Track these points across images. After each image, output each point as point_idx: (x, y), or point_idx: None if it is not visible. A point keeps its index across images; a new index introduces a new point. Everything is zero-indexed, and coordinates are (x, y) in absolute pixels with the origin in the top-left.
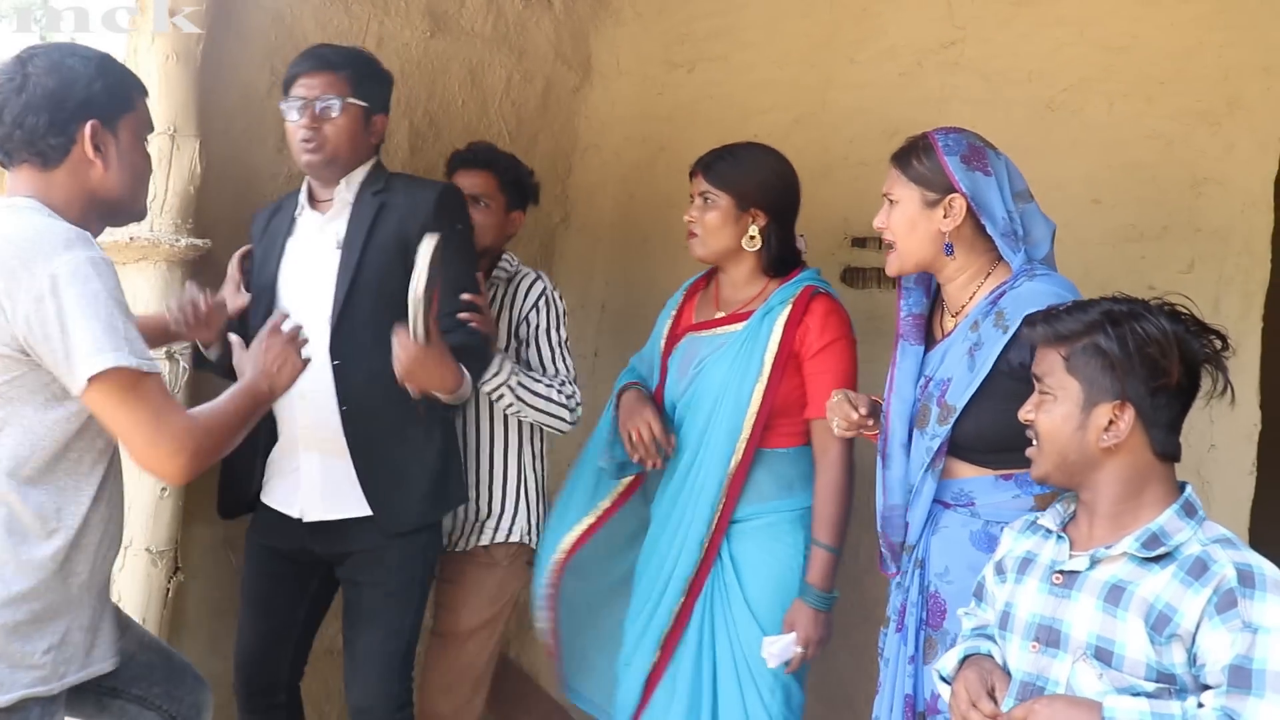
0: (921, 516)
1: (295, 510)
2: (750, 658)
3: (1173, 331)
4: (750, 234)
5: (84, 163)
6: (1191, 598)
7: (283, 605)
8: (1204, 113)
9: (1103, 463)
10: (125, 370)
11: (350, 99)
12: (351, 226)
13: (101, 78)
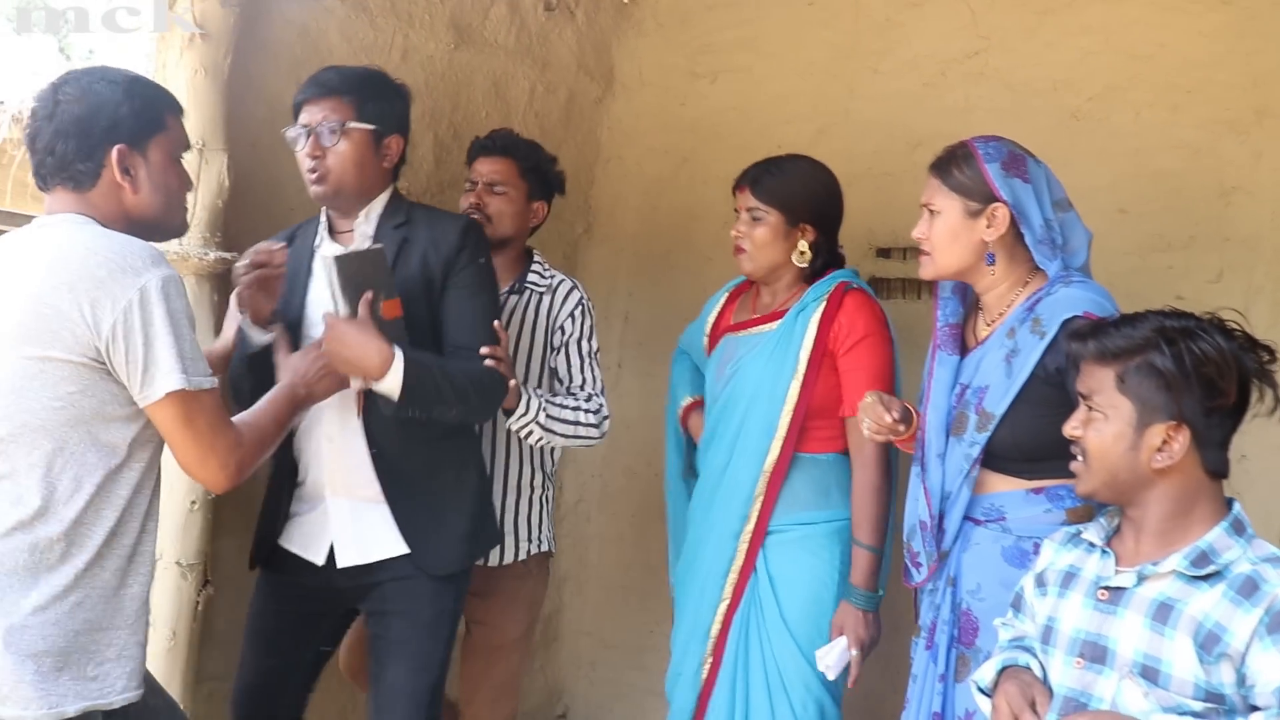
0: (957, 523)
1: (319, 556)
2: (783, 671)
3: (1229, 349)
4: (801, 249)
5: (114, 185)
6: (1242, 617)
7: (290, 644)
8: (1232, 121)
9: (1154, 482)
10: (192, 392)
11: (354, 123)
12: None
13: (129, 101)
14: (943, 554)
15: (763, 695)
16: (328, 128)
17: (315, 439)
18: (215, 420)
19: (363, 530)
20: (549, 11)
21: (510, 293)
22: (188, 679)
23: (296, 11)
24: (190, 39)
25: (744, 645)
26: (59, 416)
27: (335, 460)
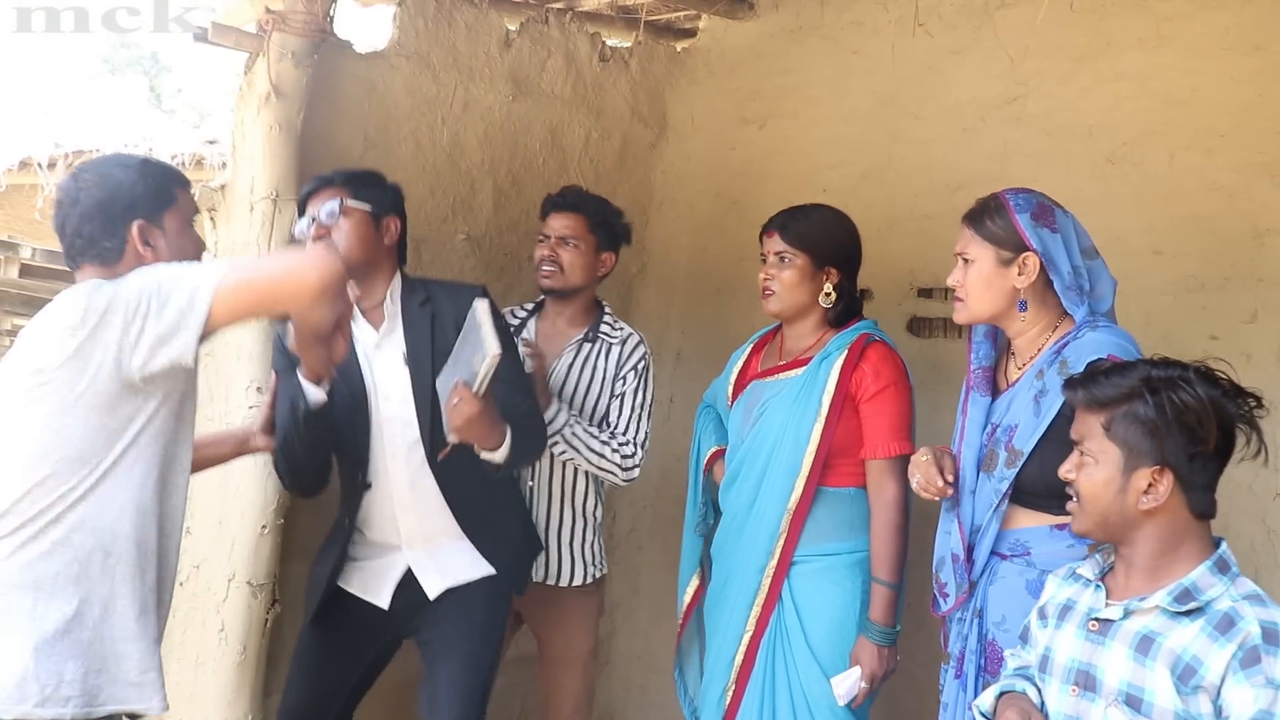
0: (985, 556)
1: (383, 600)
2: (809, 696)
3: (1209, 398)
4: (826, 291)
5: (137, 257)
6: (1217, 652)
7: (338, 668)
8: (1266, 164)
9: (1142, 523)
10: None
11: (351, 201)
12: (412, 342)
13: (143, 180)
14: (971, 585)
15: (787, 708)
16: (326, 210)
17: (384, 504)
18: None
19: (443, 565)
20: (604, 62)
21: (584, 340)
22: (256, 692)
23: (364, 69)
24: (266, 97)
25: (770, 672)
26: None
27: (410, 519)
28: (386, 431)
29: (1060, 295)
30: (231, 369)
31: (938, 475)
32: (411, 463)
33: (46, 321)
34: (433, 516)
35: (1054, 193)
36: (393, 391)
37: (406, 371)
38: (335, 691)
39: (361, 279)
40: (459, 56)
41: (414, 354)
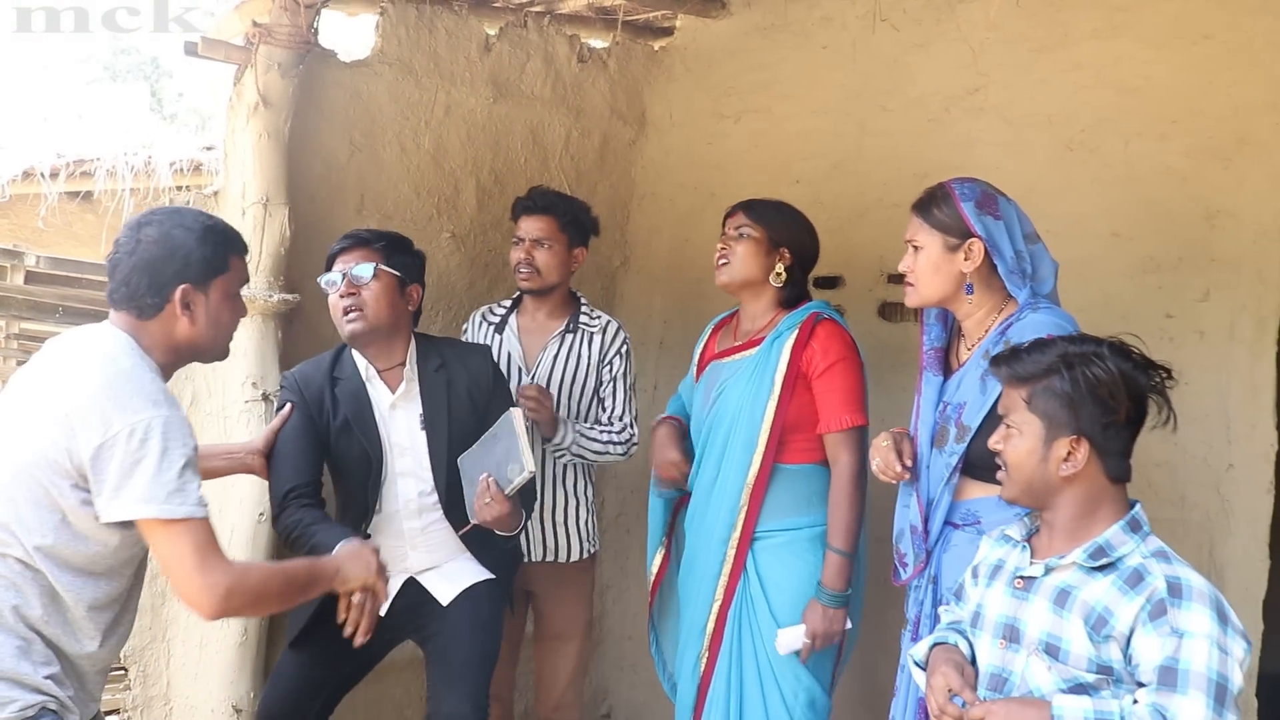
0: (939, 526)
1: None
2: (774, 663)
3: (1120, 371)
4: (778, 270)
5: (173, 318)
6: (1126, 604)
7: (331, 659)
8: (1215, 149)
9: (1062, 488)
10: (168, 521)
11: (383, 266)
12: (429, 407)
13: (201, 247)
14: (927, 554)
15: (756, 686)
16: (361, 270)
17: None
18: (201, 541)
19: (451, 575)
20: (582, 63)
21: (565, 331)
22: (257, 671)
23: (349, 77)
24: (255, 107)
25: (737, 640)
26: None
27: (420, 554)
28: (400, 484)
29: (1004, 279)
30: (227, 365)
31: (896, 460)
32: (424, 511)
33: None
34: (440, 547)
35: (1015, 179)
36: (408, 450)
37: (424, 435)
38: (325, 681)
39: (383, 341)
40: (440, 62)
41: (430, 418)
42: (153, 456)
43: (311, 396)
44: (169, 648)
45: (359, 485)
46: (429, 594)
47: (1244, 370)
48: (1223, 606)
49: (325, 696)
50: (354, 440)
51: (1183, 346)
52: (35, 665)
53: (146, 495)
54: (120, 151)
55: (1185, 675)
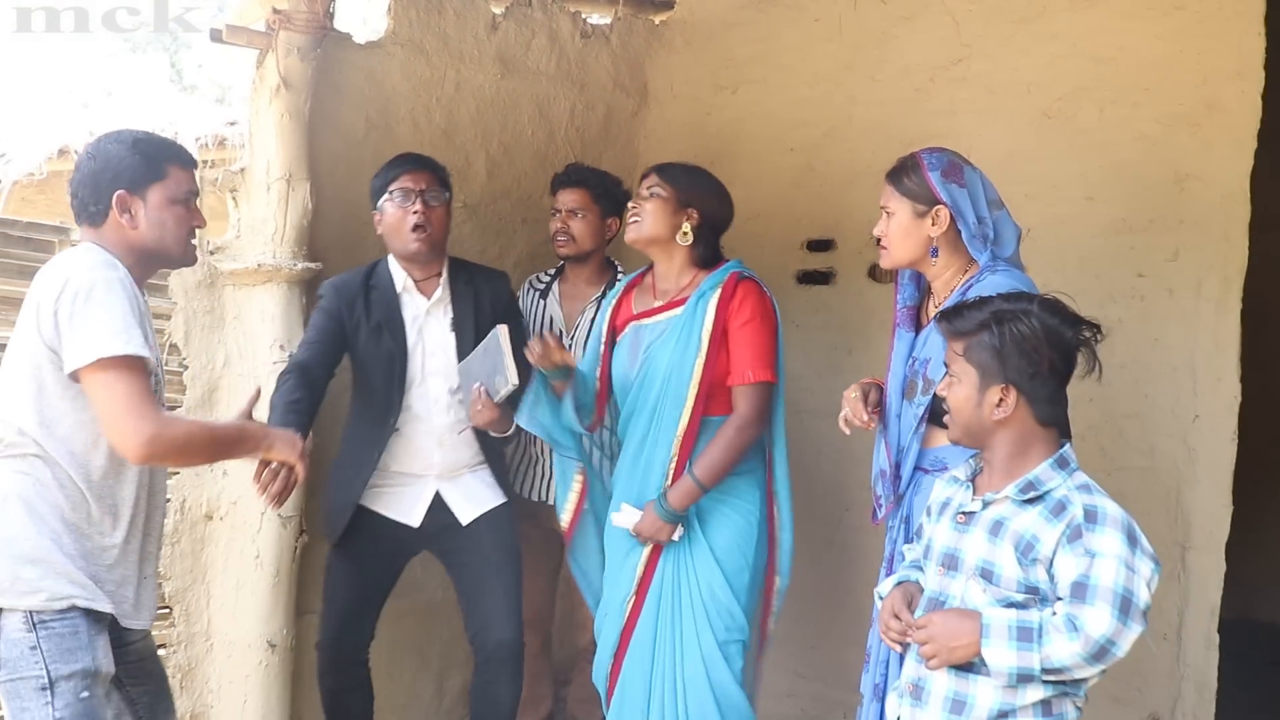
0: (909, 471)
1: (414, 519)
2: (713, 595)
3: (1044, 327)
4: (684, 230)
5: (116, 223)
6: (1050, 530)
7: (373, 582)
8: (1185, 115)
9: (996, 430)
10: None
11: (446, 193)
12: (458, 311)
13: (131, 155)
14: (899, 497)
15: (690, 618)
16: (434, 193)
17: (422, 440)
18: (132, 392)
19: (469, 493)
20: (585, 38)
21: (602, 297)
22: (289, 610)
23: (363, 58)
24: (277, 89)
25: (675, 582)
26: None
27: (446, 453)
28: (430, 383)
29: (967, 243)
30: (255, 329)
31: (862, 409)
32: (452, 409)
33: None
34: (464, 450)
35: (995, 146)
36: (438, 351)
37: (453, 336)
38: (374, 600)
39: (433, 256)
40: (449, 41)
41: (459, 321)
42: (95, 308)
43: (345, 301)
44: (209, 589)
45: (383, 384)
46: (455, 515)
47: (1210, 326)
48: (1134, 531)
49: (369, 618)
50: (383, 342)
51: (1153, 304)
52: (66, 555)
53: (88, 341)
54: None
55: (1094, 589)
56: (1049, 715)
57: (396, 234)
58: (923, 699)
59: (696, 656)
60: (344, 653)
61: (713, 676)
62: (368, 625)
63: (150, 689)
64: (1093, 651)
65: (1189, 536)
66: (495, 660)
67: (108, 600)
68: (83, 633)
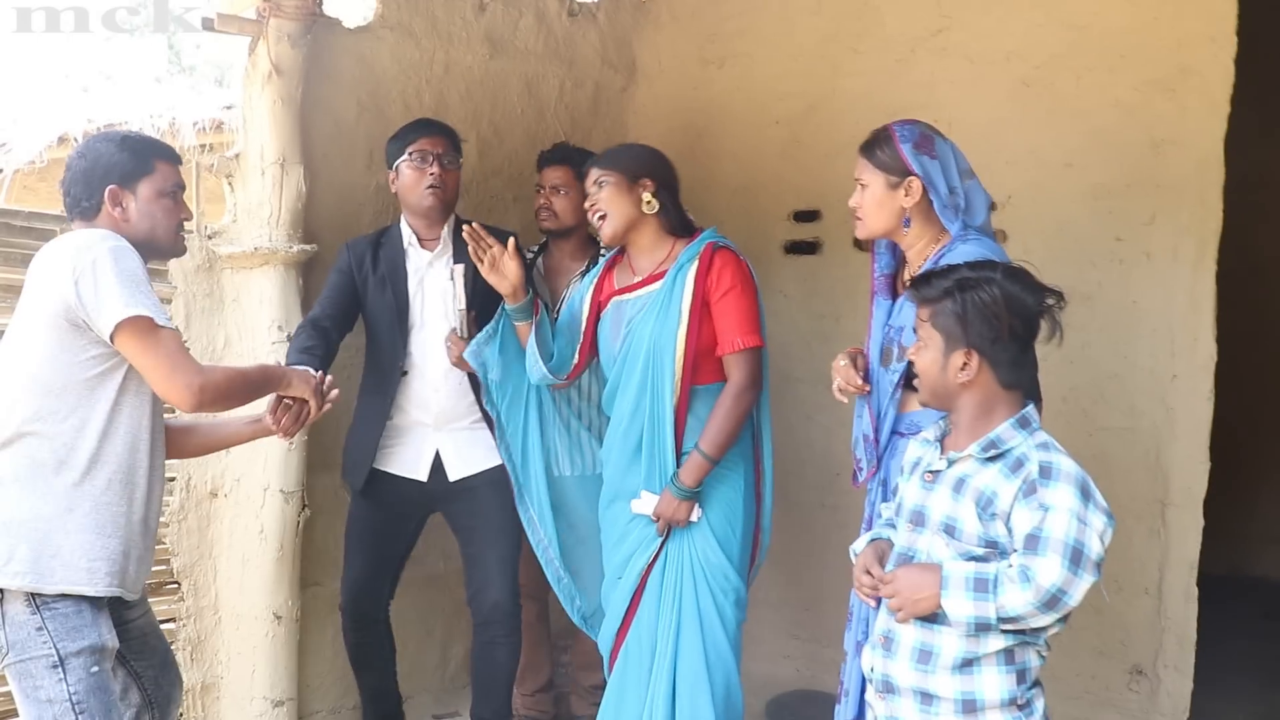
0: (887, 433)
1: (422, 474)
2: (709, 564)
3: (1005, 294)
4: (646, 199)
5: (109, 216)
6: (1008, 486)
7: (389, 542)
8: (1160, 81)
9: (961, 393)
10: (143, 319)
11: (460, 158)
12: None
13: (120, 152)
14: (878, 460)
15: (691, 592)
16: (450, 157)
17: (421, 388)
18: (173, 349)
19: (463, 450)
20: (572, 17)
21: (585, 271)
22: (293, 583)
23: (354, 43)
24: (269, 76)
25: (677, 550)
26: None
27: (442, 400)
28: (430, 329)
29: (939, 213)
30: (255, 311)
31: (854, 375)
32: (449, 351)
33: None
34: (459, 400)
35: (976, 115)
36: (438, 298)
37: (452, 285)
38: (389, 562)
39: (443, 214)
40: (438, 24)
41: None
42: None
43: (355, 257)
44: (215, 564)
45: (387, 334)
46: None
47: (1187, 287)
48: (1088, 486)
49: (392, 576)
50: (386, 293)
51: (1132, 267)
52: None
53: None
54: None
55: (1046, 541)
56: (1011, 663)
57: (412, 191)
58: (892, 650)
59: (694, 620)
60: (364, 612)
61: (707, 639)
62: (386, 586)
63: (154, 663)
64: (1044, 600)
65: (1168, 493)
66: (491, 622)
67: (106, 581)
68: (86, 611)
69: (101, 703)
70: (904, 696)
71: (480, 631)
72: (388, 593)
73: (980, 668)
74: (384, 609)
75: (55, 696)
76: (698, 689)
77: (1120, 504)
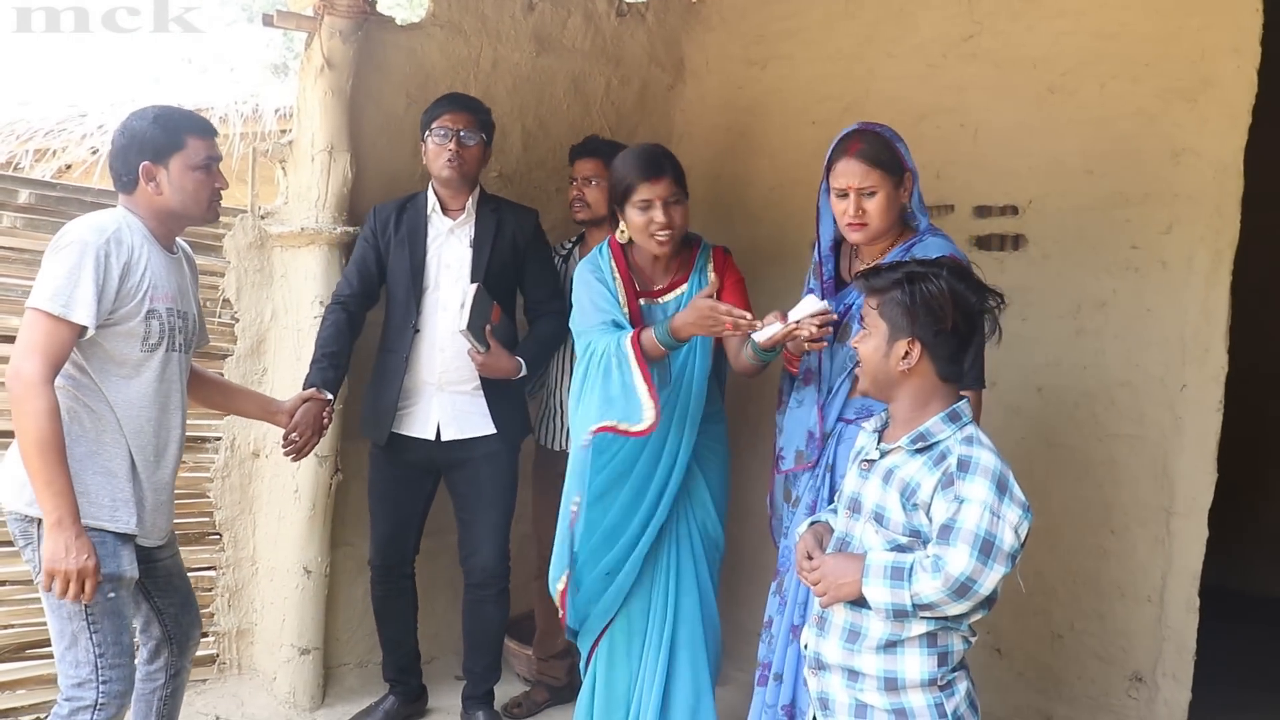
0: (835, 415)
1: (430, 432)
2: (704, 538)
3: (950, 289)
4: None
5: (144, 189)
6: (929, 477)
7: (408, 501)
8: (1182, 90)
9: (901, 382)
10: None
11: (481, 133)
12: (479, 232)
13: (153, 129)
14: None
15: (689, 551)
16: (469, 133)
17: (429, 347)
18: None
19: (460, 414)
20: (620, 16)
21: (567, 256)
22: (324, 540)
23: (404, 38)
24: (322, 69)
25: (677, 516)
26: None
27: (447, 359)
28: (443, 290)
29: (915, 208)
30: (300, 286)
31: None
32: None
33: None
34: (464, 363)
35: (1002, 120)
36: (454, 262)
37: (470, 252)
38: (411, 519)
39: (464, 184)
40: (487, 22)
41: (478, 241)
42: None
43: (380, 220)
44: (254, 519)
45: (403, 293)
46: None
47: (1200, 298)
48: (1005, 480)
49: (414, 532)
50: (404, 252)
51: (1147, 276)
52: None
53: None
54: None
55: (957, 531)
56: (933, 646)
57: (434, 163)
58: (825, 629)
59: (693, 587)
60: (390, 566)
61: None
62: (410, 542)
63: (176, 601)
64: (953, 588)
65: (1174, 502)
66: (482, 584)
67: (129, 520)
68: (109, 543)
69: (114, 625)
70: (833, 673)
71: (471, 590)
72: (412, 549)
73: (903, 649)
74: (409, 564)
75: (74, 613)
76: (697, 657)
77: (1126, 511)
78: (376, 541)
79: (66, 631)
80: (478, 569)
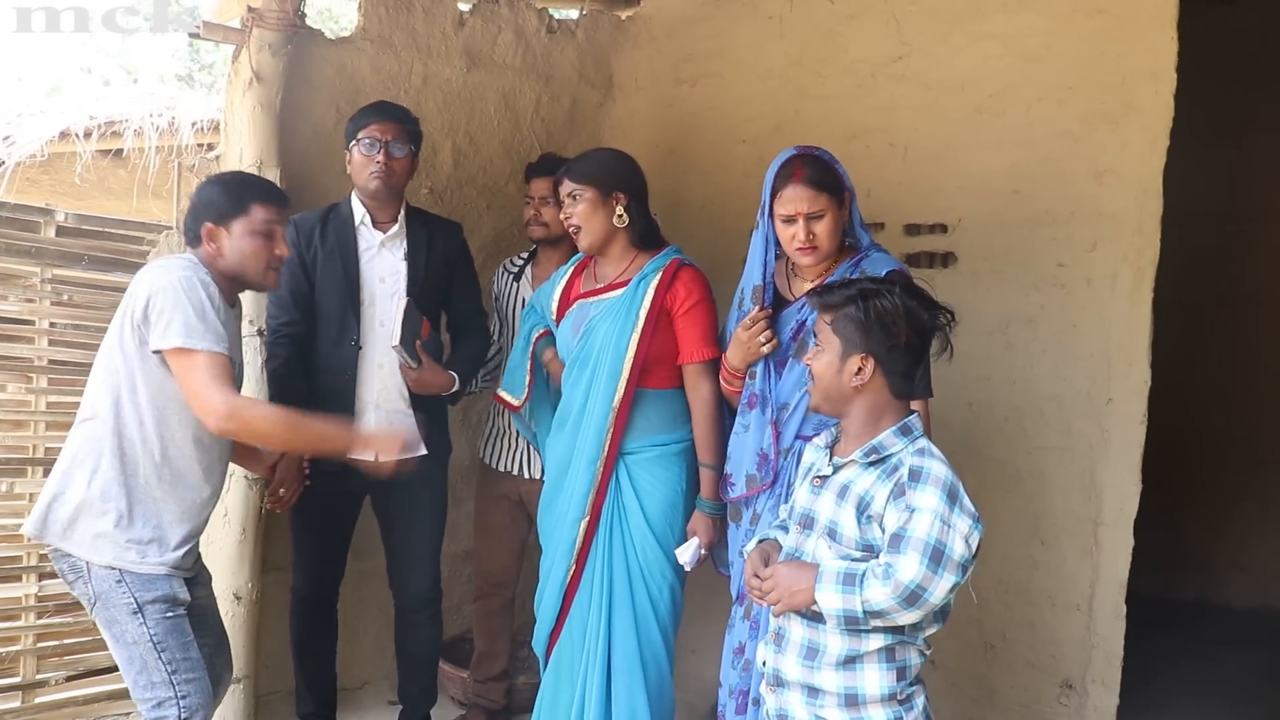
0: (792, 432)
1: (370, 455)
2: (645, 563)
3: (903, 305)
4: (619, 214)
5: (206, 248)
6: (882, 489)
7: (338, 526)
8: (1106, 113)
9: (853, 398)
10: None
11: (410, 145)
12: (411, 246)
13: (220, 194)
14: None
15: (625, 586)
16: (399, 144)
17: (368, 366)
18: (211, 377)
19: None
20: (551, 34)
21: (518, 274)
22: (255, 565)
23: (334, 52)
24: (250, 83)
25: (608, 549)
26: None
27: (384, 376)
28: (379, 306)
29: (857, 225)
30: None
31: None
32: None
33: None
34: (399, 379)
35: (931, 140)
36: (389, 276)
37: (405, 265)
38: (337, 549)
39: (391, 198)
40: (418, 37)
41: (412, 254)
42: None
43: (303, 235)
44: None
45: (338, 308)
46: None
47: (1124, 314)
48: (955, 490)
49: (340, 558)
50: (335, 266)
51: (1073, 292)
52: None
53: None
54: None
55: (908, 540)
56: (892, 660)
57: (359, 175)
58: (783, 646)
59: (628, 614)
60: (320, 594)
61: (641, 633)
62: (340, 568)
63: (210, 641)
64: (903, 596)
65: (1101, 513)
66: (414, 608)
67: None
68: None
69: (179, 642)
70: (792, 690)
71: (404, 615)
72: (338, 576)
73: (862, 664)
74: (336, 593)
75: (138, 638)
76: (633, 681)
77: (1055, 522)
78: (306, 569)
79: (135, 657)
80: (412, 593)
